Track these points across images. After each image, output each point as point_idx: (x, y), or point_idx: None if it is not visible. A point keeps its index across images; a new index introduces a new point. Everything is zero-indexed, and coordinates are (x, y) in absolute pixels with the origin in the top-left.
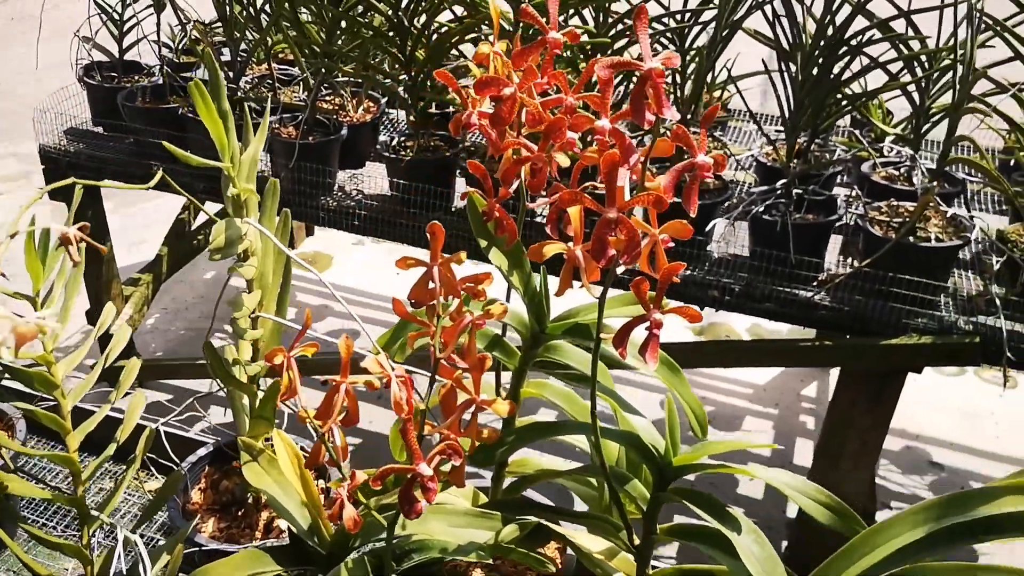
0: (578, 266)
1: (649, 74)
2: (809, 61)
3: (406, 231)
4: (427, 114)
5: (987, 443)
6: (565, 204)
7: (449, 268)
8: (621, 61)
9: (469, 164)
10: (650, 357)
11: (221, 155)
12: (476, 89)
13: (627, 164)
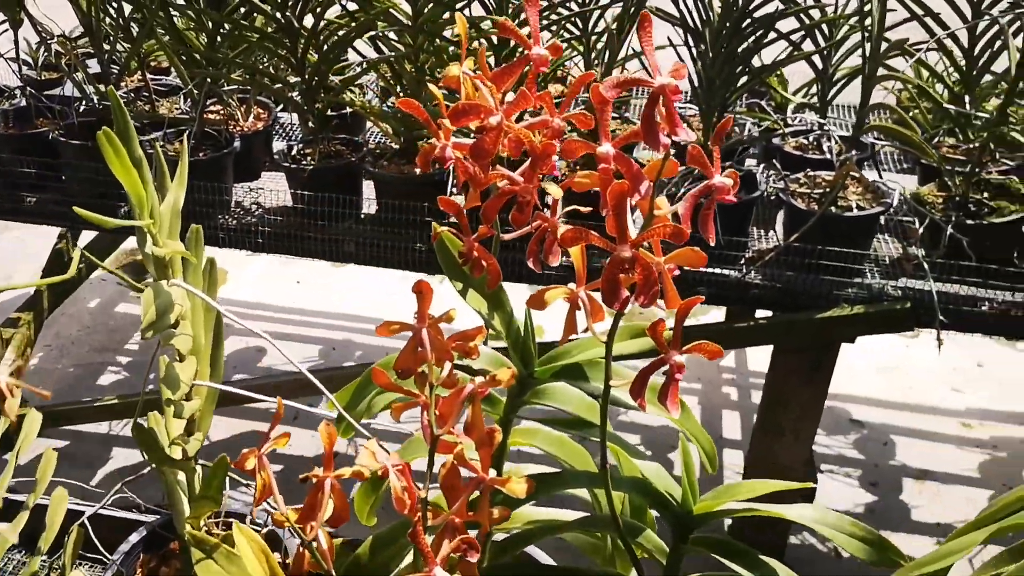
0: (584, 311)
1: (662, 91)
2: (719, 38)
3: (316, 245)
4: (325, 118)
5: (901, 395)
6: (568, 243)
7: (439, 329)
8: (629, 79)
9: (441, 201)
10: (671, 404)
11: (138, 210)
12: (452, 118)
13: (639, 194)
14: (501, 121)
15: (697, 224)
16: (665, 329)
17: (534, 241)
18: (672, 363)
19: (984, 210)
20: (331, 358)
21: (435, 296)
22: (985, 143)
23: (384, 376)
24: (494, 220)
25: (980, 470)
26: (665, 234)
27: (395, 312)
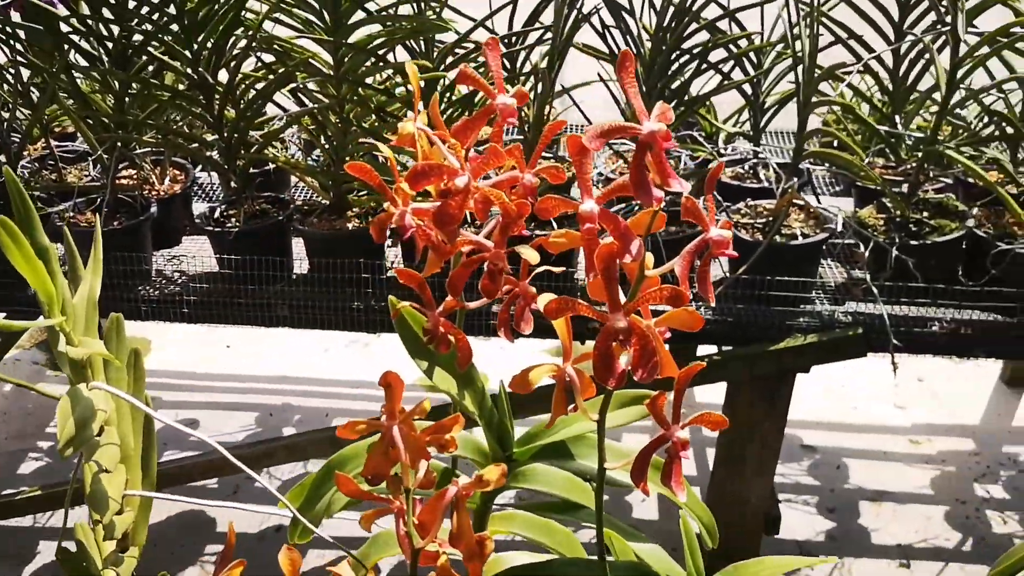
0: (572, 388)
1: (652, 139)
2: (651, 72)
3: (247, 311)
4: (248, 176)
5: (848, 416)
6: (552, 315)
7: (411, 424)
8: (616, 127)
9: (399, 273)
10: (676, 486)
11: (47, 307)
12: (411, 181)
13: (630, 255)
14: (469, 183)
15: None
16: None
17: (504, 309)
18: (675, 440)
19: (925, 229)
20: (269, 424)
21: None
22: (921, 162)
23: (348, 483)
24: (461, 293)
25: (932, 486)
26: (662, 298)
27: (332, 370)
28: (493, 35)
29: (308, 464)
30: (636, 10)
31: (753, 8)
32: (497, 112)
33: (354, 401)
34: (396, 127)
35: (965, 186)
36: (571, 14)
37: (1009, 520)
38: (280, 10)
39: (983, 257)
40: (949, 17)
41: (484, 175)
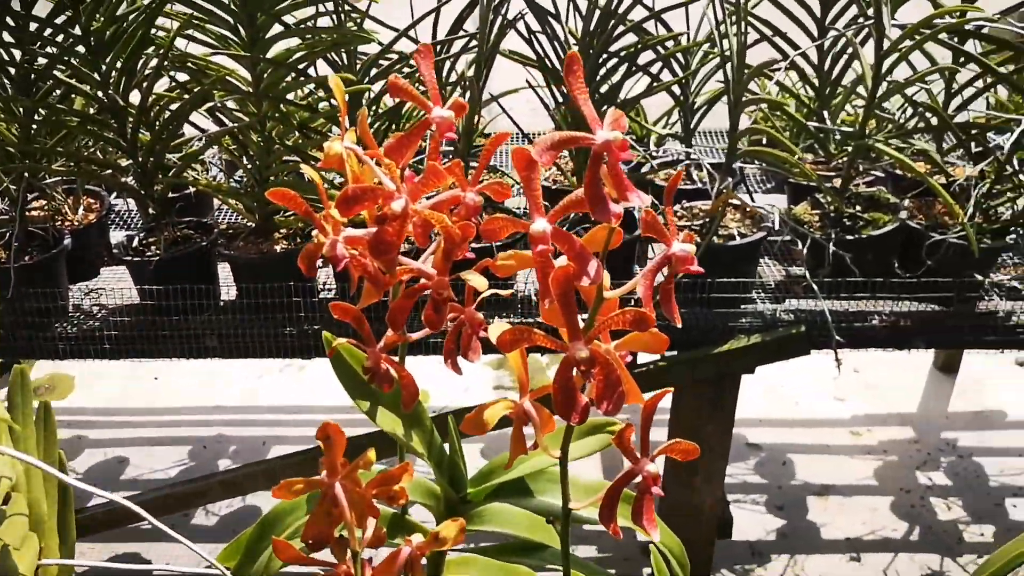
0: (532, 425)
1: (607, 148)
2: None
3: (172, 343)
4: (167, 201)
5: (789, 411)
6: (506, 347)
7: (356, 479)
8: (568, 137)
9: (334, 308)
10: (649, 525)
11: None
12: (342, 206)
13: (587, 277)
14: (407, 206)
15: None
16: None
17: (450, 339)
18: (645, 475)
19: (860, 223)
20: (203, 457)
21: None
22: (852, 157)
23: (287, 549)
24: (403, 323)
25: (876, 477)
26: (626, 323)
27: (267, 397)
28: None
29: (246, 499)
30: (562, 14)
31: (678, 8)
32: (433, 126)
33: (291, 428)
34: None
35: (894, 179)
36: (496, 20)
37: (953, 506)
38: (193, 27)
39: (917, 248)
40: (871, 11)
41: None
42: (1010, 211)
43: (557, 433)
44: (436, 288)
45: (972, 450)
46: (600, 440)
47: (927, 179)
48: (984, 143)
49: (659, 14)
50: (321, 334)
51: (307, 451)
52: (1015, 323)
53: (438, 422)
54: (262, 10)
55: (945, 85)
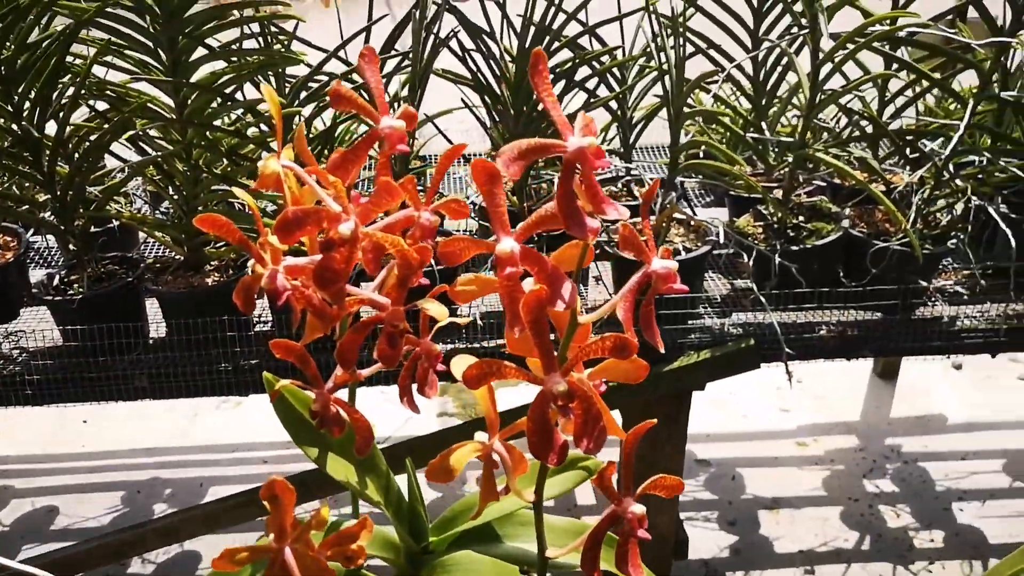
0: (504, 467)
1: (580, 156)
2: (517, 93)
3: (100, 386)
4: (89, 236)
5: (737, 425)
6: (473, 383)
7: (309, 542)
8: (538, 145)
9: (273, 346)
10: (635, 571)
11: None
12: (281, 232)
13: (562, 301)
14: (356, 229)
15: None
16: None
17: (405, 374)
18: (630, 517)
19: (803, 234)
20: (137, 503)
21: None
22: (793, 167)
23: None
24: (353, 361)
25: (825, 487)
26: (606, 350)
27: (203, 436)
28: (350, 65)
29: (184, 545)
30: (496, 32)
31: (612, 23)
32: (382, 138)
33: (229, 467)
34: (252, 171)
35: (834, 188)
36: (429, 39)
37: (902, 513)
38: (111, 53)
39: (861, 257)
40: (806, 21)
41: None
42: (949, 216)
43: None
44: (390, 320)
45: (916, 455)
46: (574, 477)
47: (868, 187)
48: (919, 149)
49: (593, 29)
50: (258, 369)
51: (247, 492)
52: (959, 328)
53: (393, 461)
54: (184, 33)
55: (879, 93)
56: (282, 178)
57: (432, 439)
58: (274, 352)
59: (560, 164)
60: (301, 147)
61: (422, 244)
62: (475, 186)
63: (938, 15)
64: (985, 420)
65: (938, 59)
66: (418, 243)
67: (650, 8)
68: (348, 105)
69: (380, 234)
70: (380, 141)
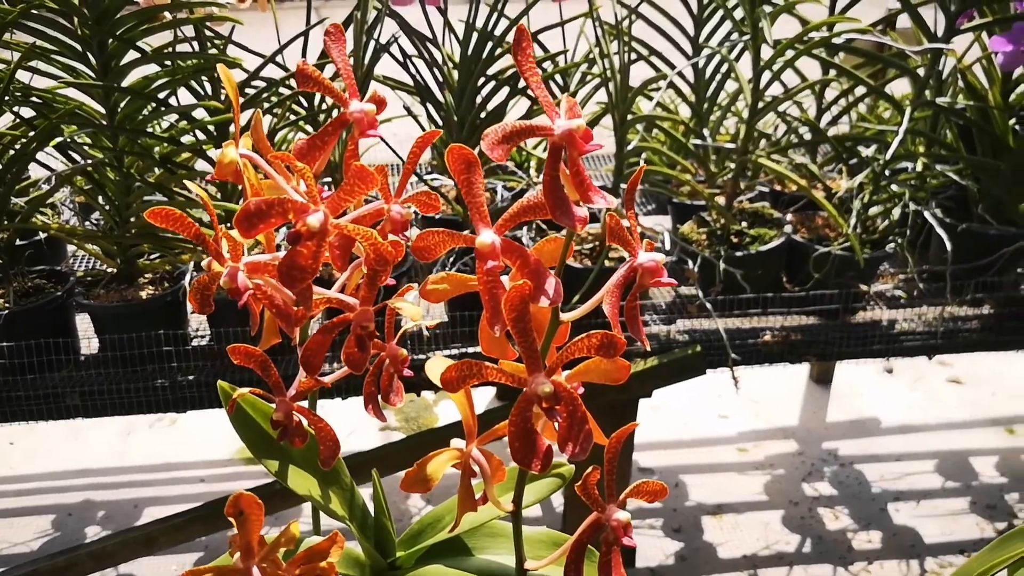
0: (482, 475)
1: (568, 138)
2: (461, 100)
3: (29, 405)
4: (14, 249)
5: (677, 432)
6: (451, 386)
7: (277, 561)
8: (524, 127)
9: (232, 352)
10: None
11: None
12: (243, 225)
13: (546, 297)
14: (325, 221)
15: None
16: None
17: (370, 380)
18: (614, 524)
19: (747, 240)
20: (69, 527)
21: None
22: (736, 173)
23: None
24: (319, 365)
25: (766, 491)
26: (591, 348)
27: (138, 456)
28: (289, 72)
29: (119, 568)
30: (438, 37)
31: (554, 29)
32: (352, 122)
33: (166, 487)
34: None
35: (775, 194)
36: (369, 44)
37: (840, 515)
38: (36, 57)
39: (803, 262)
40: (746, 28)
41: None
42: (887, 221)
43: (506, 482)
44: (359, 321)
45: (852, 458)
46: (550, 484)
47: (809, 192)
48: (857, 155)
49: (536, 35)
50: (195, 385)
51: (188, 512)
52: (898, 331)
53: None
54: (114, 35)
55: (816, 100)
56: (241, 168)
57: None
58: (233, 358)
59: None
60: (259, 136)
61: (394, 239)
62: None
63: (873, 23)
64: (917, 422)
65: (873, 66)
66: (389, 239)
67: (593, 15)
68: (313, 86)
69: (352, 226)
70: (348, 126)
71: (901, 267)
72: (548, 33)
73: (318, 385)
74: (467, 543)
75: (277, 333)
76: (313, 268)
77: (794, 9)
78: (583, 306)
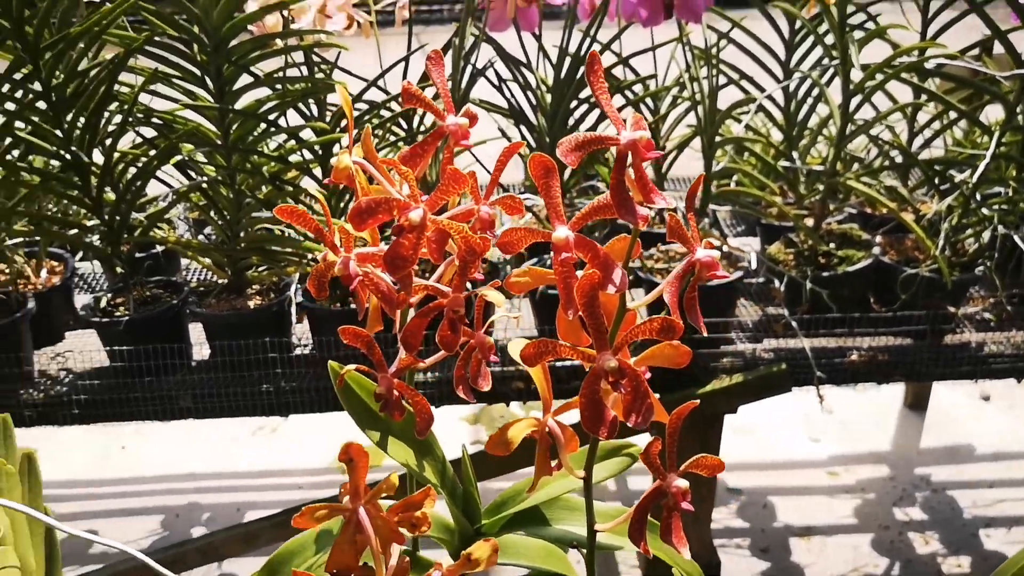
0: (556, 444)
1: (632, 147)
2: (553, 122)
3: (145, 406)
4: (135, 260)
5: (766, 454)
6: (530, 361)
7: (378, 505)
8: (594, 137)
9: (342, 332)
10: (678, 542)
11: None
12: (356, 219)
13: (613, 285)
14: (424, 216)
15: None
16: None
17: (460, 365)
18: (674, 490)
19: (834, 260)
20: (176, 527)
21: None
22: (824, 196)
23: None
24: (418, 345)
25: (856, 515)
26: (653, 331)
27: (240, 463)
28: (389, 95)
29: (222, 566)
30: (532, 62)
31: (646, 53)
32: (448, 134)
33: (266, 492)
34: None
35: (864, 217)
36: (466, 68)
37: (931, 540)
38: (158, 81)
39: (891, 284)
40: (836, 53)
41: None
42: (976, 245)
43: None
44: (451, 306)
45: (945, 484)
46: (620, 463)
47: (899, 215)
48: (949, 179)
49: (627, 59)
50: (298, 391)
51: (289, 510)
52: (986, 353)
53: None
54: (230, 61)
55: (908, 124)
56: (354, 173)
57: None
58: (343, 338)
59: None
60: (368, 147)
61: (482, 235)
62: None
63: (965, 48)
64: (1012, 450)
65: (967, 91)
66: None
67: (683, 39)
68: (417, 103)
69: (447, 221)
70: (445, 138)
71: (990, 290)
72: (639, 57)
73: (416, 363)
74: (545, 514)
75: (380, 320)
76: (413, 257)
77: (885, 34)
78: (647, 296)
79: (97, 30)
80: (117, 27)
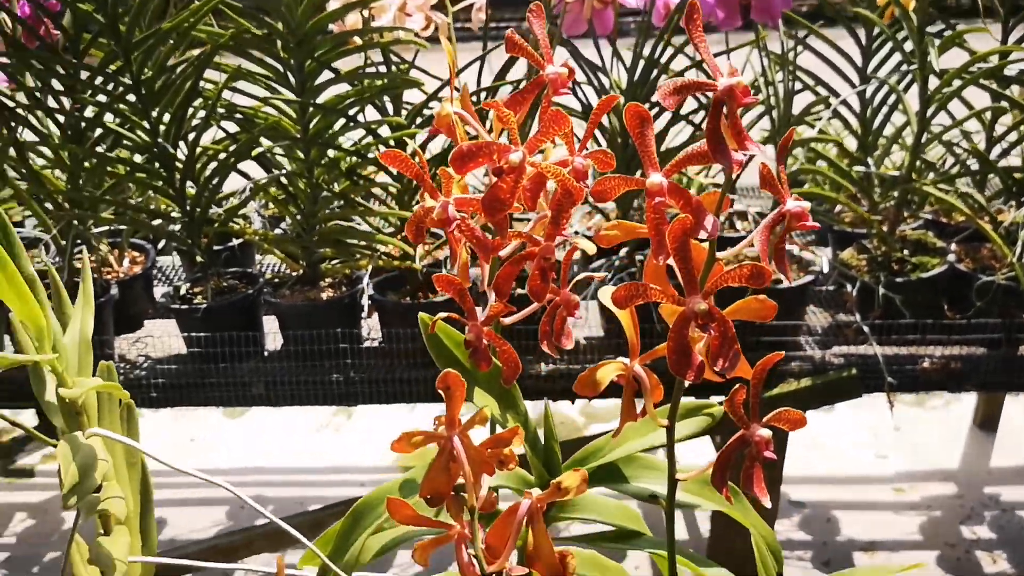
0: (642, 389)
1: (729, 93)
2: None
3: (219, 391)
4: (213, 252)
5: (831, 469)
6: (621, 303)
7: (471, 439)
8: (692, 82)
9: (437, 280)
10: (760, 491)
11: (36, 342)
12: (457, 163)
13: (704, 231)
14: (523, 159)
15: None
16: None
17: (546, 321)
18: (756, 439)
19: (908, 267)
20: (241, 517)
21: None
22: (899, 202)
23: (404, 508)
24: (508, 292)
25: (921, 532)
26: (743, 278)
27: (304, 458)
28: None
29: (287, 554)
30: (606, 64)
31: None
32: (547, 83)
33: (330, 488)
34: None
35: (938, 225)
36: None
37: (999, 559)
38: (241, 76)
39: (966, 291)
40: (915, 59)
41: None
42: None
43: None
44: (543, 254)
45: (1015, 504)
46: (700, 421)
47: (976, 222)
48: None
49: (700, 63)
50: (367, 381)
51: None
52: None
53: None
54: (312, 57)
55: (986, 132)
56: (454, 123)
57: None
58: (437, 285)
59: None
60: (465, 102)
61: (576, 184)
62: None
63: None
64: None
65: None
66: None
67: (759, 44)
68: (519, 52)
69: (545, 163)
70: (544, 87)
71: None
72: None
73: (507, 310)
74: (624, 472)
75: (468, 277)
76: (510, 201)
77: (964, 41)
78: (736, 247)
79: (186, 27)
80: (204, 24)
